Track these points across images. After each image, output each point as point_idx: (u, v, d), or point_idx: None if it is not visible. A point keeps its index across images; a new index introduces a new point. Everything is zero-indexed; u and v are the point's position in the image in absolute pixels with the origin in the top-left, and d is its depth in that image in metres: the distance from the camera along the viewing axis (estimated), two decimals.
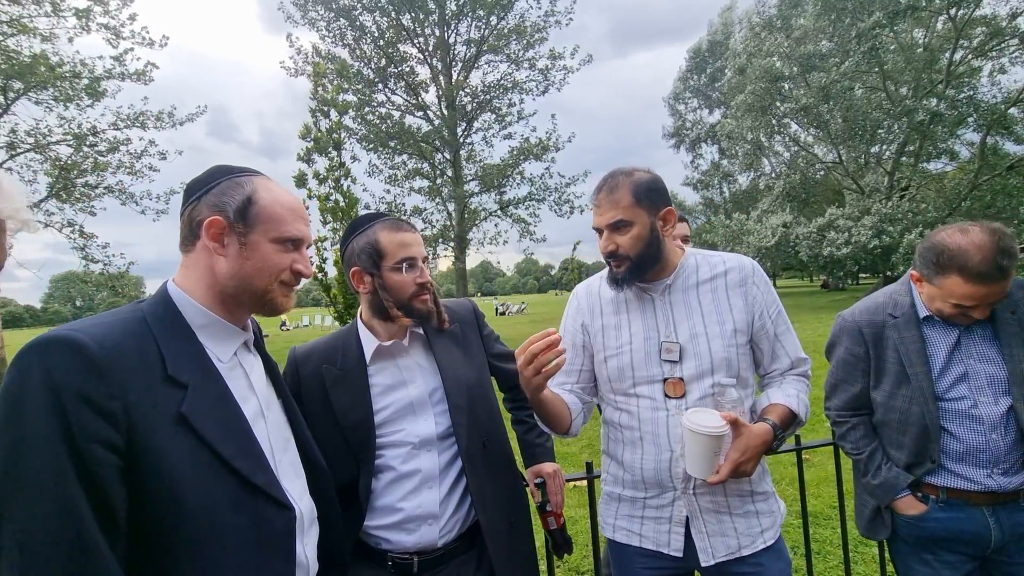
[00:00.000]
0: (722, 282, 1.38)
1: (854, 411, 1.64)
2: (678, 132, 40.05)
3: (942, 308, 1.42)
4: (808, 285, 49.63)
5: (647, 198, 1.31)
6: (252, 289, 0.97)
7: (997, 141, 20.50)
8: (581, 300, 1.51)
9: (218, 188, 0.96)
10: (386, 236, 1.35)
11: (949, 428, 1.44)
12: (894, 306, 1.54)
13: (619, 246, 1.32)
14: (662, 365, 1.33)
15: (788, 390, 1.36)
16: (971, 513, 1.44)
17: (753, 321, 1.36)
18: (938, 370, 1.46)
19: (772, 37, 21.26)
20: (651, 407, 1.34)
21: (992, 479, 1.41)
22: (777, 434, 1.27)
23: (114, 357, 0.79)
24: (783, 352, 1.39)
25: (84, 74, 12.46)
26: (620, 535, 1.44)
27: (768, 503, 1.37)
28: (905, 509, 1.53)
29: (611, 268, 1.38)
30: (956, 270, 1.34)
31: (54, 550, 0.71)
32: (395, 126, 16.42)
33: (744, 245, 22.43)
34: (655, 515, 1.36)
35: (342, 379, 1.37)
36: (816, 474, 4.13)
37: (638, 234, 1.31)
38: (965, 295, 1.35)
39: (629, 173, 1.34)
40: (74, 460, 0.73)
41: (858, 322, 1.58)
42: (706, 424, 1.16)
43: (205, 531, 0.82)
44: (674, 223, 1.37)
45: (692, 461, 1.21)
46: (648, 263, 1.33)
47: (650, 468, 1.34)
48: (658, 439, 1.33)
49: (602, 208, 1.34)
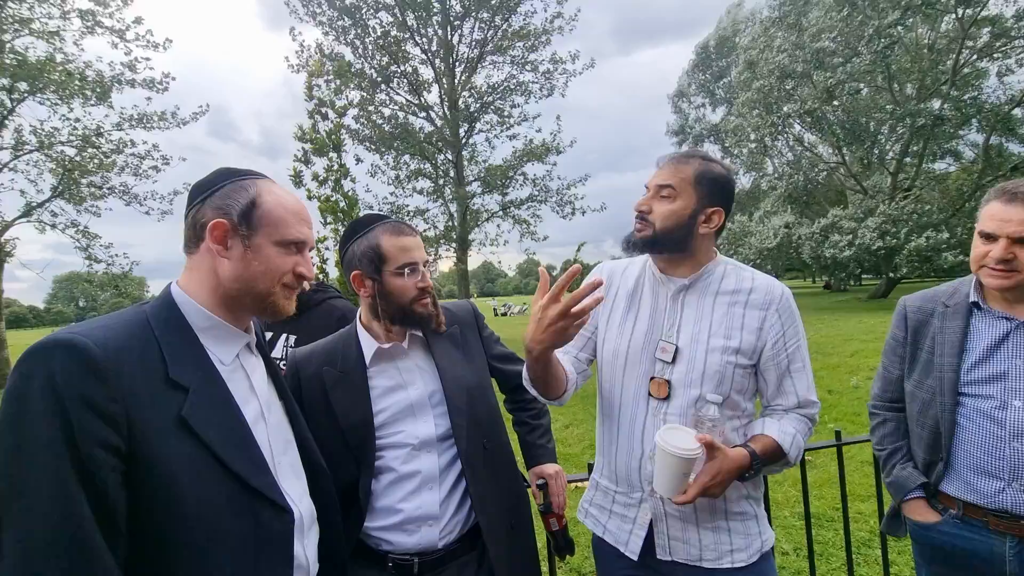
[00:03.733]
0: (743, 299, 1.28)
1: (889, 403, 1.59)
2: (682, 130, 40.00)
3: (975, 248, 1.38)
4: (810, 286, 49.50)
5: (708, 185, 1.26)
6: (255, 292, 0.97)
7: (1001, 142, 20.44)
8: (604, 276, 1.45)
9: (222, 191, 0.97)
10: (388, 240, 1.35)
11: (965, 426, 1.36)
12: (951, 295, 1.47)
13: (652, 210, 1.27)
14: (654, 363, 1.29)
15: (786, 427, 1.26)
16: (987, 538, 1.34)
17: (763, 349, 1.26)
18: (971, 362, 1.37)
19: (782, 33, 21.20)
20: (633, 399, 1.31)
21: (1006, 495, 1.29)
22: (754, 462, 1.19)
23: (116, 360, 0.80)
24: (791, 389, 1.28)
25: (92, 78, 12.52)
26: (590, 521, 1.45)
27: (745, 524, 1.28)
28: (912, 513, 1.48)
29: (633, 230, 1.31)
30: (995, 195, 1.34)
31: (55, 552, 0.71)
32: (398, 126, 16.44)
33: (746, 247, 22.39)
34: (621, 512, 1.35)
35: (342, 381, 1.37)
36: (819, 476, 4.13)
37: (676, 209, 1.25)
38: (992, 215, 1.32)
39: (708, 158, 1.30)
40: (75, 463, 0.73)
41: (907, 307, 1.54)
42: (679, 445, 1.10)
43: (204, 533, 0.83)
44: (717, 226, 1.29)
45: (659, 478, 1.16)
46: (668, 244, 1.27)
47: (622, 463, 1.32)
48: (632, 436, 1.30)
49: (662, 170, 1.30)
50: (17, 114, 12.41)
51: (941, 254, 17.27)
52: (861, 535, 3.20)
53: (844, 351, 9.64)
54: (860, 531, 3.24)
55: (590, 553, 1.56)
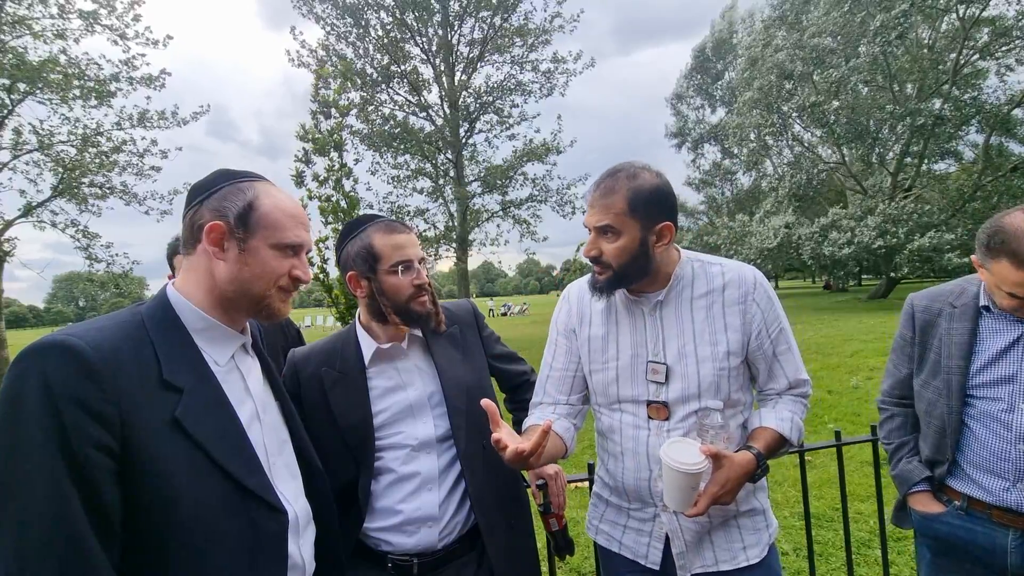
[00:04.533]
0: (719, 298, 1.27)
1: (898, 399, 1.60)
2: (681, 132, 40.02)
3: (998, 298, 1.31)
4: (810, 286, 49.53)
5: (643, 208, 1.19)
6: (250, 294, 0.97)
7: (1002, 142, 20.43)
8: (572, 304, 1.44)
9: (220, 193, 0.97)
10: (380, 239, 1.34)
11: (972, 427, 1.36)
12: (959, 295, 1.45)
13: (603, 253, 1.23)
14: (648, 385, 1.27)
15: (782, 412, 1.29)
16: (990, 529, 1.35)
17: (749, 341, 1.27)
18: (980, 364, 1.36)
19: (782, 32, 21.19)
20: (633, 424, 1.30)
21: (1011, 493, 1.30)
22: (760, 463, 1.20)
23: (110, 362, 0.80)
24: (781, 373, 1.31)
25: (90, 76, 12.52)
26: (602, 538, 1.43)
27: (754, 520, 1.30)
28: (916, 505, 1.50)
29: (593, 273, 1.30)
30: (1005, 254, 1.22)
31: (49, 552, 0.71)
32: (398, 126, 16.44)
33: (746, 247, 22.39)
34: (637, 527, 1.34)
35: (341, 381, 1.37)
36: (819, 476, 4.12)
37: (624, 245, 1.21)
38: (1016, 283, 1.23)
39: (633, 175, 1.21)
40: (69, 463, 0.74)
41: (915, 305, 1.54)
42: (684, 461, 1.10)
43: (197, 534, 0.83)
44: (670, 239, 1.25)
45: (669, 494, 1.15)
46: (631, 276, 1.25)
47: (631, 482, 1.31)
48: (638, 458, 1.29)
49: (593, 209, 1.23)
50: (17, 114, 12.41)
51: (943, 255, 17.27)
52: (861, 535, 3.19)
53: (844, 351, 9.64)
54: (860, 531, 3.24)
55: (590, 553, 1.55)
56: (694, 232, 30.72)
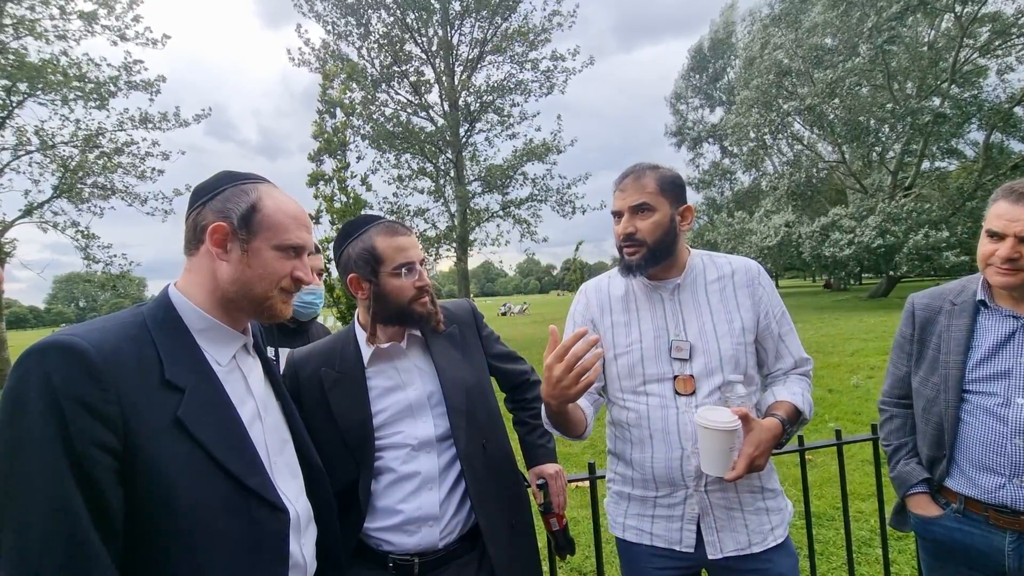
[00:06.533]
0: (730, 283, 1.41)
1: (898, 399, 1.61)
2: (680, 131, 40.01)
3: (988, 274, 1.37)
4: (810, 285, 49.50)
5: (671, 190, 1.36)
6: (252, 295, 0.98)
7: (1002, 140, 20.40)
8: (590, 296, 1.52)
9: (223, 195, 0.98)
10: (382, 241, 1.34)
11: (969, 422, 1.38)
12: (959, 292, 1.48)
13: (638, 230, 1.34)
14: (672, 363, 1.35)
15: (793, 388, 1.38)
16: (987, 532, 1.36)
17: (759, 320, 1.39)
18: (977, 360, 1.39)
19: (780, 31, 21.20)
20: (660, 405, 1.35)
21: (1006, 490, 1.31)
22: (786, 428, 1.29)
23: (112, 362, 0.81)
24: (787, 352, 1.42)
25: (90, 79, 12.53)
26: (631, 534, 1.44)
27: (777, 501, 1.39)
28: (915, 507, 1.50)
29: (624, 256, 1.38)
30: (1003, 193, 1.35)
31: (51, 550, 0.72)
32: (399, 125, 16.44)
33: (746, 245, 22.38)
34: (667, 514, 1.37)
35: (340, 381, 1.37)
36: (819, 475, 4.13)
37: (659, 221, 1.34)
38: (999, 214, 1.32)
39: (655, 166, 1.38)
40: (71, 463, 0.74)
41: (916, 304, 1.56)
42: (719, 420, 1.17)
43: (198, 533, 0.83)
44: (691, 221, 1.40)
45: (707, 459, 1.21)
46: (662, 253, 1.36)
47: (661, 467, 1.35)
48: (668, 437, 1.33)
49: (627, 191, 1.36)
50: (17, 115, 12.42)
51: (942, 253, 17.25)
52: (861, 534, 3.20)
53: (844, 350, 9.64)
54: (860, 530, 3.24)
55: (591, 553, 1.56)
56: (694, 231, 30.72)
